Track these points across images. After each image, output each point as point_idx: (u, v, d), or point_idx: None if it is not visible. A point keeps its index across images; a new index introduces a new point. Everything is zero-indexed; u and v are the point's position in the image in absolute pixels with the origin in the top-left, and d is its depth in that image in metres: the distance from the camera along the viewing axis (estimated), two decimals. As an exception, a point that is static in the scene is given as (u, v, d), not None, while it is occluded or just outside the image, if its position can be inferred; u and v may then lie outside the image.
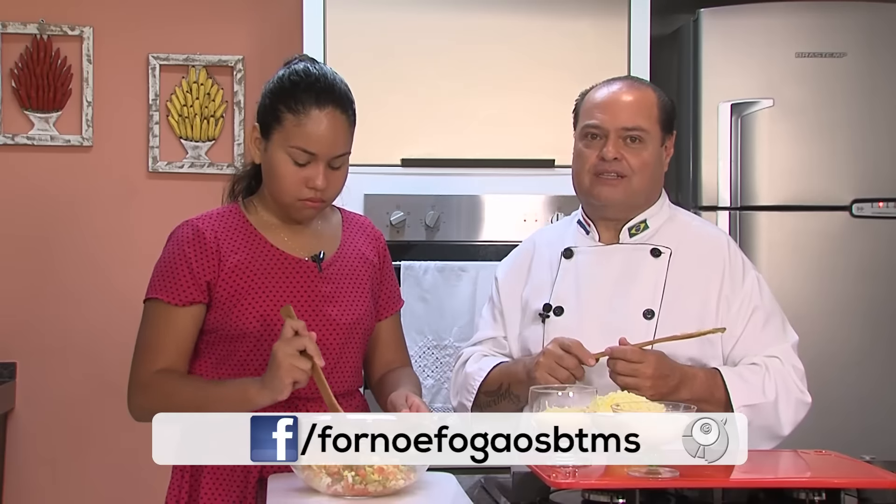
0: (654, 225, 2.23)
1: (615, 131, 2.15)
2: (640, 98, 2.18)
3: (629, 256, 2.21)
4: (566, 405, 1.84)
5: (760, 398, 2.08)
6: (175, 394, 2.02)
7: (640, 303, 2.16)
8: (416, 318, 3.01)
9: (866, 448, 2.11)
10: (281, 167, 2.05)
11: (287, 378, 1.86)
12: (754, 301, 2.19)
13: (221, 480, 2.06)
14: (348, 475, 1.74)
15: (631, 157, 2.15)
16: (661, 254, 2.20)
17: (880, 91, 3.31)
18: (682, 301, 2.16)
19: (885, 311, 3.29)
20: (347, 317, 2.13)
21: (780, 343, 2.18)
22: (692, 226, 2.28)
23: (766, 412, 2.09)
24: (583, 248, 2.25)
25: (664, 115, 2.21)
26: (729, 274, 2.19)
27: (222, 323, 2.06)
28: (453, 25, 3.16)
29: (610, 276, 2.20)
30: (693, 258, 2.20)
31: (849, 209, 3.29)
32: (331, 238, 2.20)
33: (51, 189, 3.59)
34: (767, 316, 2.20)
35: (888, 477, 1.78)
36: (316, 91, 2.04)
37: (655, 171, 2.21)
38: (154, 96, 3.61)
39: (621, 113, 2.16)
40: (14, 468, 3.55)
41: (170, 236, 2.13)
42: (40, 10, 3.58)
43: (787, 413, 2.11)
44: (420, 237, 3.08)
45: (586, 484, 1.73)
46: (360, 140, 3.11)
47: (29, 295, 3.58)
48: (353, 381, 2.17)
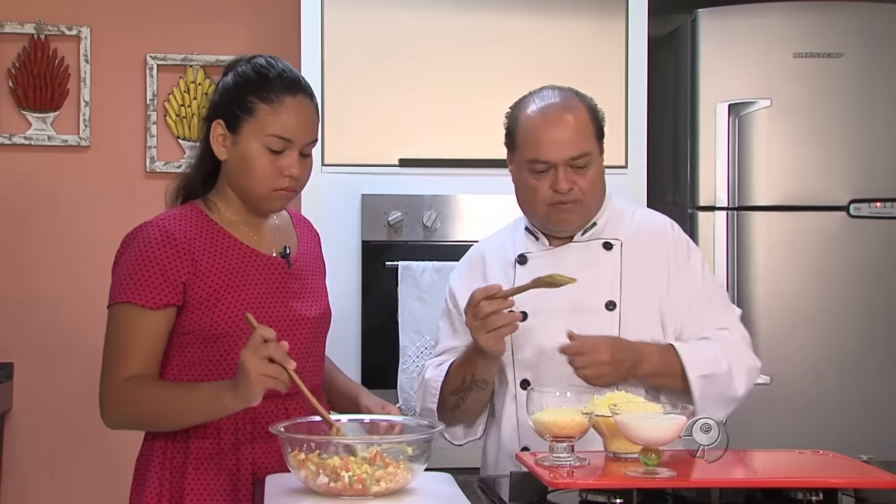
0: (601, 222, 2.29)
1: (563, 162, 2.19)
2: (576, 121, 2.22)
3: (582, 253, 2.27)
4: (563, 406, 1.85)
5: (714, 368, 2.16)
6: (153, 401, 1.99)
7: (600, 295, 2.23)
8: (414, 318, 3.01)
9: (863, 448, 2.11)
10: (256, 158, 2.05)
11: (257, 388, 1.85)
12: (697, 281, 2.27)
13: (208, 487, 2.03)
14: (345, 475, 1.75)
15: (580, 180, 2.21)
16: (613, 246, 2.27)
17: (878, 91, 3.32)
18: (639, 289, 2.23)
19: (883, 311, 3.29)
20: (315, 311, 2.14)
21: (727, 315, 2.27)
22: (636, 216, 2.34)
23: (720, 380, 2.16)
24: (535, 253, 2.30)
25: (597, 126, 2.27)
26: (674, 257, 2.27)
27: (199, 324, 2.03)
28: (451, 26, 3.16)
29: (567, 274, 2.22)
30: (641, 247, 2.27)
31: (846, 209, 3.29)
32: (288, 234, 2.21)
33: (48, 189, 3.59)
34: (712, 293, 2.29)
35: (885, 477, 1.78)
36: (286, 80, 2.07)
37: (601, 182, 2.27)
38: (151, 96, 3.61)
39: (565, 145, 2.19)
40: (11, 468, 3.55)
41: (131, 238, 2.09)
42: (37, 9, 3.58)
43: (740, 379, 2.19)
44: (418, 237, 3.08)
45: (584, 484, 1.73)
46: (358, 140, 3.14)
47: (26, 295, 3.57)
48: (320, 376, 2.19)
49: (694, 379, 2.14)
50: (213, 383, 1.99)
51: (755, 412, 3.17)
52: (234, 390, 1.88)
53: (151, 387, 2.01)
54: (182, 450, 2.04)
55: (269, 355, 1.83)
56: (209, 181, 2.17)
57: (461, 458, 2.64)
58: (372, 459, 1.78)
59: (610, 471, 1.80)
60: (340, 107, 3.10)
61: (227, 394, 1.89)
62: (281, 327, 2.06)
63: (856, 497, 1.79)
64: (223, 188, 2.13)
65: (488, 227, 3.09)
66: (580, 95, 2.29)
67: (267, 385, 1.84)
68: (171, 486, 2.04)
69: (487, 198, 3.10)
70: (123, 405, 2.01)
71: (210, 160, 2.14)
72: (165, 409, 1.99)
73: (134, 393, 2.00)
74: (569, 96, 2.27)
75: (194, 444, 2.03)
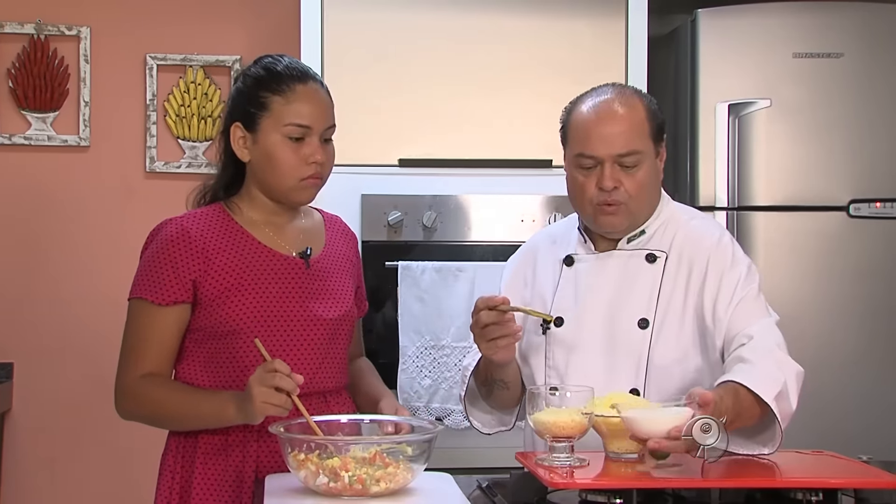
0: (650, 230, 2.20)
1: (610, 159, 2.11)
2: (630, 118, 2.13)
3: (626, 263, 2.19)
4: (564, 405, 1.85)
5: (779, 385, 1.92)
6: (162, 403, 2.06)
7: (635, 312, 2.14)
8: (414, 318, 3.01)
9: (863, 448, 2.11)
10: (278, 150, 2.08)
11: (259, 414, 1.89)
12: (738, 294, 2.11)
13: (213, 481, 2.06)
14: (345, 475, 1.75)
15: (627, 181, 2.12)
16: (657, 259, 2.17)
17: (877, 91, 3.31)
18: (677, 304, 2.13)
19: (882, 312, 3.29)
20: (334, 313, 2.14)
21: (761, 318, 2.09)
22: (690, 225, 2.23)
23: (784, 395, 1.92)
24: (582, 256, 2.23)
25: (655, 127, 2.17)
26: (714, 271, 2.13)
27: (210, 321, 2.06)
28: (450, 26, 3.16)
29: (608, 285, 2.18)
30: (687, 259, 2.17)
31: (846, 209, 3.29)
32: (315, 236, 2.22)
33: (48, 189, 3.59)
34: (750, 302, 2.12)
35: (885, 477, 1.78)
36: (294, 71, 2.11)
37: (652, 186, 2.18)
38: (151, 96, 3.61)
39: (614, 140, 2.11)
40: (11, 469, 3.55)
41: (153, 235, 2.14)
42: (37, 9, 3.58)
43: (794, 389, 1.97)
44: (417, 237, 3.08)
45: (583, 484, 1.73)
46: (358, 140, 3.14)
47: (26, 295, 3.57)
48: (339, 378, 2.18)
49: (772, 402, 1.89)
50: (218, 394, 2.03)
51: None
52: (238, 405, 1.94)
53: (161, 388, 2.07)
54: (192, 444, 2.09)
55: (275, 384, 1.87)
56: (231, 188, 2.19)
57: (461, 458, 2.65)
58: (372, 459, 1.78)
59: (609, 471, 1.80)
60: (340, 107, 3.04)
61: (232, 408, 1.95)
62: (297, 327, 2.08)
63: (855, 497, 1.79)
64: (248, 190, 2.16)
65: (488, 228, 3.11)
66: (640, 94, 2.20)
67: (268, 412, 1.89)
68: (181, 479, 2.09)
69: (487, 198, 3.10)
70: (131, 402, 2.08)
71: (230, 169, 2.17)
72: (170, 412, 2.06)
73: (143, 392, 2.06)
74: (626, 93, 2.18)
75: (203, 439, 2.08)
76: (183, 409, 2.04)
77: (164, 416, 2.07)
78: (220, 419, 2.00)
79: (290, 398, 1.88)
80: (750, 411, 1.89)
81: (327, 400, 2.13)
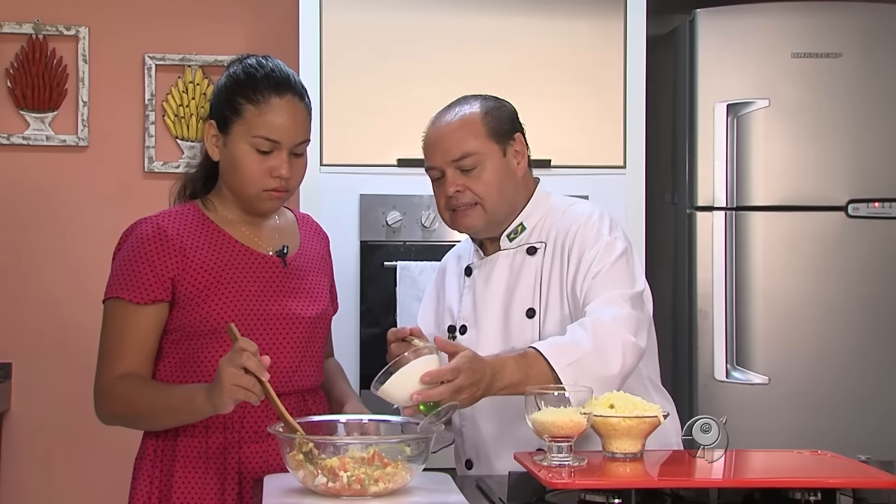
0: (530, 224, 2.25)
1: (447, 166, 2.18)
2: (460, 122, 2.19)
3: (511, 261, 2.25)
4: (562, 405, 1.85)
5: (579, 352, 2.00)
6: (136, 401, 2.02)
7: (523, 304, 2.21)
8: (413, 318, 2.99)
9: (862, 448, 2.12)
10: (244, 158, 2.06)
11: (227, 397, 1.83)
12: (593, 268, 2.13)
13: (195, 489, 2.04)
14: (343, 475, 1.75)
15: (472, 184, 2.18)
16: (537, 250, 2.23)
17: (876, 91, 3.32)
18: (555, 291, 2.19)
19: (881, 312, 3.29)
20: (312, 311, 2.14)
21: (610, 291, 2.11)
22: (568, 212, 2.25)
23: (590, 362, 2.00)
24: (476, 263, 2.30)
25: (494, 126, 2.21)
26: (577, 249, 2.17)
27: (188, 321, 2.05)
28: (450, 26, 3.16)
29: (499, 285, 2.24)
30: (560, 244, 2.21)
31: (845, 209, 3.29)
32: (290, 234, 2.22)
33: (47, 189, 3.59)
34: (603, 276, 2.13)
35: (884, 477, 1.78)
36: (273, 81, 2.07)
37: (506, 183, 2.21)
38: (150, 96, 3.61)
39: (446, 146, 2.18)
40: (10, 469, 3.55)
41: (127, 234, 2.12)
42: (36, 9, 3.57)
43: (615, 357, 2.02)
44: (416, 238, 3.08)
45: (582, 484, 1.73)
46: (357, 140, 3.14)
47: (24, 295, 3.57)
48: (317, 377, 2.18)
49: (561, 369, 1.99)
50: (189, 386, 2.00)
51: (754, 412, 3.18)
52: (207, 394, 1.89)
53: (135, 387, 2.03)
54: (171, 448, 2.06)
55: (243, 364, 1.82)
56: (209, 182, 2.18)
57: (460, 458, 2.64)
58: (370, 459, 1.78)
59: (608, 471, 1.80)
60: (339, 107, 3.10)
61: (200, 397, 1.90)
62: (274, 325, 2.07)
63: (854, 497, 1.79)
64: (221, 188, 2.15)
65: (487, 228, 3.11)
66: (482, 97, 2.25)
67: (237, 396, 1.83)
68: (160, 484, 2.06)
69: (486, 198, 3.10)
70: (108, 403, 2.05)
71: (210, 161, 2.16)
72: (144, 409, 2.02)
73: (118, 391, 2.03)
74: (463, 100, 2.25)
75: (182, 443, 2.05)
76: (155, 404, 2.00)
77: (138, 414, 2.03)
78: (192, 410, 1.94)
79: (259, 383, 1.82)
80: (530, 374, 1.98)
81: (305, 399, 2.13)
